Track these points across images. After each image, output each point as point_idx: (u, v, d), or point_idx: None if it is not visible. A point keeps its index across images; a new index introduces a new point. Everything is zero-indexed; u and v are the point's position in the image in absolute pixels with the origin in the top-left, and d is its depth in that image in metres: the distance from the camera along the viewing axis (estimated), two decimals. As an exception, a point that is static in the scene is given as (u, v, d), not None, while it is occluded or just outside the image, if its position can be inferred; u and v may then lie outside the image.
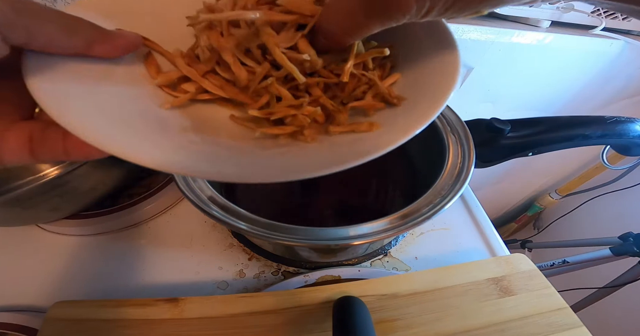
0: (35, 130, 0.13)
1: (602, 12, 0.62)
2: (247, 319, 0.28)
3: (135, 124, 0.14)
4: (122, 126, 0.13)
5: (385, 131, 0.15)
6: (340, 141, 0.15)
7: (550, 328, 0.29)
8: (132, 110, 0.15)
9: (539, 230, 1.21)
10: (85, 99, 0.13)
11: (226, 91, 0.17)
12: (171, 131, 0.15)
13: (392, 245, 0.38)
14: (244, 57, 0.16)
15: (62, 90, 0.13)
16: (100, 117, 0.13)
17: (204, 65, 0.17)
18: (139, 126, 0.14)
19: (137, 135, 0.13)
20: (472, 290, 0.31)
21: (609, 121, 0.37)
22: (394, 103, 0.16)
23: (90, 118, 0.12)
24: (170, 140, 0.14)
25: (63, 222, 0.37)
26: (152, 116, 0.15)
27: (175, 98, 0.16)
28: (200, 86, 0.17)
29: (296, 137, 0.16)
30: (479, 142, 0.32)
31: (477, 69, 0.62)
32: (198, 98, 0.17)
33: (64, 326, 0.27)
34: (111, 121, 0.13)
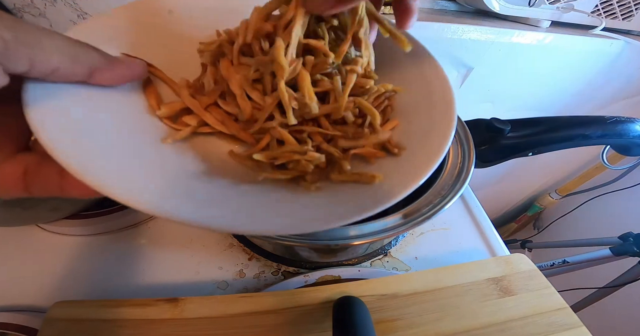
0: (30, 164, 0.13)
1: (602, 12, 0.62)
2: (247, 319, 0.28)
3: (135, 163, 0.14)
4: (121, 166, 0.13)
5: (386, 183, 0.15)
6: (341, 190, 0.15)
7: (550, 328, 0.29)
8: (131, 146, 0.14)
9: (539, 230, 1.21)
10: (84, 134, 0.13)
11: (228, 127, 0.17)
12: (171, 172, 0.14)
13: (392, 245, 0.38)
14: (250, 89, 0.16)
15: (61, 124, 0.12)
16: (99, 156, 0.12)
17: (207, 97, 0.17)
18: (138, 166, 0.14)
19: (137, 177, 0.13)
20: (472, 290, 0.31)
21: (609, 121, 0.37)
22: (394, 153, 0.16)
23: (88, 157, 0.12)
24: (171, 184, 0.14)
25: (63, 222, 0.37)
26: (152, 152, 0.15)
27: (176, 131, 0.16)
28: (201, 119, 0.16)
29: (298, 182, 0.16)
30: (479, 142, 0.32)
31: (477, 69, 0.62)
32: (198, 131, 0.17)
33: (64, 326, 0.27)
34: (110, 160, 0.13)
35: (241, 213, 0.13)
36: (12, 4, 0.39)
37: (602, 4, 0.61)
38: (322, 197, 0.15)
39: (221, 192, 0.14)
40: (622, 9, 0.62)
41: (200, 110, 0.16)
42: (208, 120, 0.16)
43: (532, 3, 0.59)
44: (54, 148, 0.11)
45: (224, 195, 0.14)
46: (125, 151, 0.14)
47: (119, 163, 0.13)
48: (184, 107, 0.16)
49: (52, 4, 0.41)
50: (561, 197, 1.08)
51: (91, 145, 0.13)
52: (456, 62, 0.62)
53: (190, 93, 0.17)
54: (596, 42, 0.62)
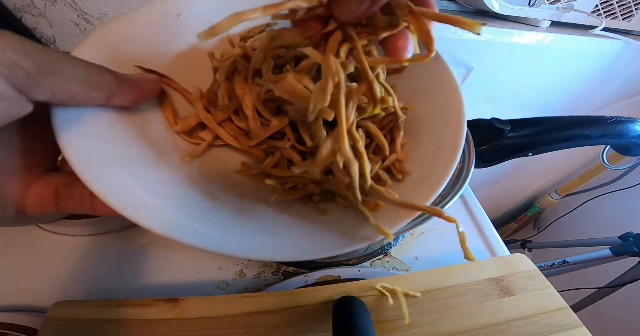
0: (60, 184, 0.14)
1: (602, 12, 0.62)
2: (247, 319, 0.28)
3: (156, 188, 0.14)
4: (147, 192, 0.14)
5: (387, 210, 0.15)
6: (345, 216, 0.15)
7: (550, 328, 0.29)
8: (152, 167, 0.15)
9: (539, 230, 1.21)
10: (109, 158, 0.13)
11: (240, 143, 0.17)
12: (194, 198, 0.15)
13: (392, 245, 0.38)
14: (262, 108, 0.16)
15: (90, 148, 0.13)
16: (126, 181, 0.13)
17: (222, 112, 0.17)
18: (159, 189, 0.14)
19: (159, 203, 0.14)
20: (472, 290, 0.31)
21: (609, 121, 0.37)
22: (398, 179, 0.16)
23: (117, 183, 0.13)
24: (188, 210, 0.14)
25: (63, 222, 0.37)
26: (175, 176, 0.15)
27: (192, 147, 0.17)
28: (215, 134, 0.17)
29: (305, 202, 0.16)
30: (479, 142, 0.32)
31: (477, 69, 0.62)
32: (212, 144, 0.17)
33: (64, 326, 0.27)
34: (137, 186, 0.13)
35: (253, 242, 0.14)
36: (12, 4, 0.39)
37: (602, 4, 0.61)
38: (326, 223, 0.15)
39: (232, 219, 0.15)
40: (622, 9, 0.62)
41: (215, 125, 0.17)
42: (222, 135, 0.17)
43: (532, 3, 0.59)
44: (85, 173, 0.12)
45: (235, 223, 0.15)
46: (146, 174, 0.14)
47: (145, 189, 0.14)
48: (199, 122, 0.17)
49: (52, 4, 0.41)
50: (561, 197, 1.08)
51: (119, 170, 0.13)
52: (456, 62, 0.62)
53: (204, 106, 0.17)
54: (596, 42, 0.62)
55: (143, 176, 0.14)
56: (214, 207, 0.15)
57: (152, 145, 0.15)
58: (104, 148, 0.13)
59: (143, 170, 0.14)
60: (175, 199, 0.14)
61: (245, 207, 0.16)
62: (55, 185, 0.14)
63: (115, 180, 0.13)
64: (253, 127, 0.16)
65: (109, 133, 0.14)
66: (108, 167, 0.13)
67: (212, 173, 0.17)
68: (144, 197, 0.13)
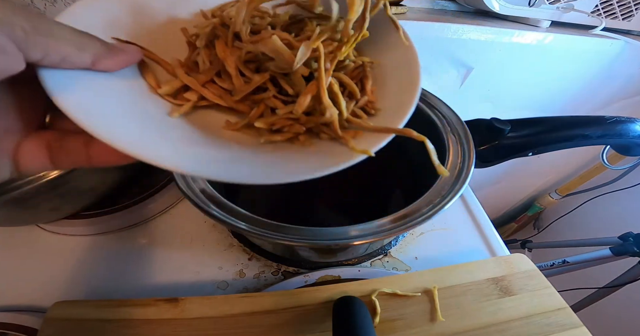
0: (52, 140, 0.14)
1: (602, 12, 0.62)
2: (247, 319, 0.28)
3: (152, 132, 0.15)
4: (141, 132, 0.15)
5: (365, 136, 0.17)
6: (329, 147, 0.17)
7: (550, 328, 0.29)
8: (145, 119, 0.16)
9: (539, 230, 1.21)
10: (103, 110, 0.14)
11: (225, 100, 0.18)
12: (182, 139, 0.16)
13: (392, 245, 0.38)
14: (244, 68, 0.18)
15: (83, 102, 0.13)
16: (121, 125, 0.14)
17: (204, 75, 0.18)
18: (155, 134, 0.15)
19: (156, 141, 0.15)
20: (472, 290, 0.31)
21: (609, 121, 0.37)
22: (371, 114, 0.19)
23: (112, 127, 0.13)
24: (184, 146, 0.16)
25: (63, 222, 0.37)
26: (162, 123, 0.16)
27: (179, 106, 0.18)
28: (200, 95, 0.18)
29: (292, 142, 0.18)
30: (479, 142, 0.32)
31: (477, 69, 0.62)
32: (197, 104, 0.18)
33: (64, 326, 0.27)
34: (130, 128, 0.14)
35: (256, 168, 0.16)
36: (12, 4, 0.39)
37: (602, 4, 0.61)
38: (311, 152, 0.17)
39: (227, 152, 0.17)
40: (622, 9, 0.62)
41: (199, 87, 0.18)
42: (206, 95, 0.18)
43: (532, 3, 0.59)
44: (83, 121, 0.13)
45: (229, 153, 0.16)
46: (142, 123, 0.15)
47: (140, 132, 0.15)
48: (182, 85, 0.18)
49: (52, 4, 0.41)
50: (561, 197, 1.08)
51: (112, 118, 0.14)
52: (456, 62, 0.62)
53: (185, 72, 0.18)
54: (596, 42, 0.62)
55: (140, 119, 0.15)
56: (211, 140, 0.17)
57: (139, 105, 0.16)
58: (99, 102, 0.14)
59: (139, 116, 0.15)
60: (175, 136, 0.16)
61: (236, 147, 0.17)
62: (47, 141, 0.14)
63: (110, 125, 0.13)
64: (237, 84, 0.18)
65: (100, 90, 0.15)
66: (106, 114, 0.14)
67: (201, 128, 0.18)
68: (149, 135, 0.14)
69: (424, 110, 0.36)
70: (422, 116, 0.36)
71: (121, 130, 0.14)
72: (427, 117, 0.35)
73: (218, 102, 0.18)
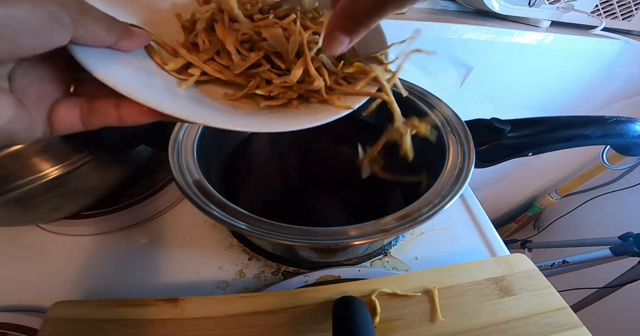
0: (82, 103, 0.16)
1: (602, 12, 0.62)
2: (247, 319, 0.28)
3: (167, 95, 0.18)
4: (162, 95, 0.17)
5: (348, 98, 0.21)
6: (317, 107, 0.21)
7: (550, 328, 0.29)
8: (158, 87, 0.18)
9: (539, 230, 1.21)
10: (129, 79, 0.16)
11: (225, 75, 0.21)
12: (192, 101, 0.19)
13: (392, 245, 0.38)
14: (241, 47, 0.21)
15: (114, 73, 0.16)
16: (146, 89, 0.16)
17: (205, 54, 0.21)
18: (170, 96, 0.18)
19: (172, 100, 0.18)
20: (472, 290, 0.31)
21: (609, 121, 0.37)
22: (351, 82, 0.22)
23: (140, 90, 0.16)
24: (195, 104, 0.19)
25: (63, 222, 0.37)
26: (172, 91, 0.19)
27: (184, 80, 0.20)
28: (202, 70, 0.21)
29: (286, 107, 0.21)
30: (479, 142, 0.32)
31: (477, 69, 0.62)
32: (200, 79, 0.21)
33: (64, 326, 0.27)
34: (153, 92, 0.17)
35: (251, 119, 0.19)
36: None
37: (602, 4, 0.61)
38: (303, 112, 0.20)
39: (226, 109, 0.20)
40: (622, 9, 0.62)
41: (201, 63, 0.21)
42: (208, 71, 0.21)
43: (532, 3, 0.59)
44: (119, 86, 0.15)
45: (229, 111, 0.20)
46: (156, 87, 0.18)
47: (158, 92, 0.17)
48: (186, 62, 0.21)
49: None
50: (561, 197, 1.08)
51: (136, 84, 0.16)
52: (456, 62, 0.62)
53: (187, 51, 0.21)
54: (596, 42, 0.62)
55: (155, 87, 0.18)
56: (215, 103, 0.20)
57: (150, 76, 0.19)
58: (124, 73, 0.16)
59: (154, 85, 0.18)
60: (185, 99, 0.19)
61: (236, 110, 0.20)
62: (78, 104, 0.16)
63: (140, 88, 0.16)
64: (236, 60, 0.21)
65: (121, 65, 0.17)
66: (131, 82, 0.16)
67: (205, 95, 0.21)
68: (166, 96, 0.17)
69: (424, 110, 0.36)
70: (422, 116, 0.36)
71: (146, 92, 0.16)
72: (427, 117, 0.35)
73: (219, 76, 0.21)
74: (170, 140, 0.30)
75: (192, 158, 0.29)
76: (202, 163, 0.29)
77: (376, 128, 0.24)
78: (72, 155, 0.32)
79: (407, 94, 0.24)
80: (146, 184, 0.42)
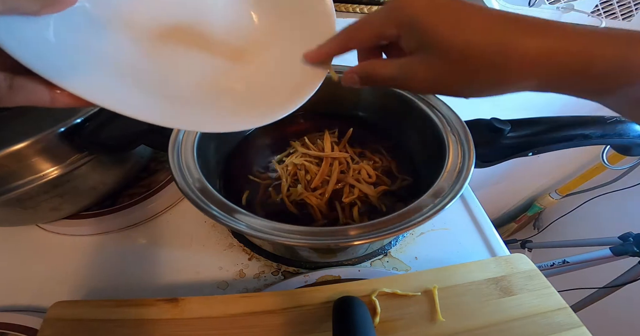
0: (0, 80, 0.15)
1: (602, 12, 0.62)
2: (247, 319, 0.28)
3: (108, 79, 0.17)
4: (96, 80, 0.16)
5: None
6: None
7: (550, 328, 0.29)
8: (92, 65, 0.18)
9: (539, 230, 1.21)
10: (53, 53, 0.15)
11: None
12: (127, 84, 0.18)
13: (392, 245, 0.38)
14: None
15: (34, 45, 0.15)
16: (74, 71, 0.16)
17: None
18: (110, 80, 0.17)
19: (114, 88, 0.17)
20: (472, 290, 0.31)
21: (609, 121, 0.37)
22: None
23: (63, 69, 0.15)
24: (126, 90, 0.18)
25: (63, 222, 0.37)
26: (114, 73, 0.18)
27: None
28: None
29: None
30: (479, 142, 0.32)
31: (477, 69, 0.62)
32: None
33: (64, 326, 0.27)
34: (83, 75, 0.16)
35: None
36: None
37: (602, 4, 0.61)
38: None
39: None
40: (622, 9, 0.62)
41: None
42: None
43: (532, 3, 0.59)
44: (30, 62, 0.14)
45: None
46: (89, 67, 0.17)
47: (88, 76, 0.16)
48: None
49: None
50: (561, 197, 1.08)
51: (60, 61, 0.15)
52: (456, 62, 0.62)
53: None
54: (596, 42, 0.62)
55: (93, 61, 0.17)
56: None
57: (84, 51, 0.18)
58: (46, 44, 0.15)
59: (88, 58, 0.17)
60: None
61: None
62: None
63: (66, 63, 0.15)
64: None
65: (36, 32, 0.16)
66: (55, 55, 0.15)
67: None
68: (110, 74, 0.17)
69: (424, 110, 0.36)
70: (422, 116, 0.36)
71: (68, 71, 0.15)
72: (427, 117, 0.35)
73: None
74: (170, 140, 0.30)
75: (192, 158, 0.29)
76: (202, 163, 0.29)
77: (371, 125, 0.25)
78: (72, 155, 0.32)
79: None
80: (146, 184, 0.42)
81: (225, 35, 0.23)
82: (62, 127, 0.30)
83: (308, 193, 0.34)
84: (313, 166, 0.36)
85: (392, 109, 0.40)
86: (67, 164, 0.32)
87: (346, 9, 0.57)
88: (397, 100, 0.38)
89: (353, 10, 0.57)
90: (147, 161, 0.44)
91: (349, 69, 0.22)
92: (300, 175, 0.36)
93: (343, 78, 0.22)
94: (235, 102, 0.21)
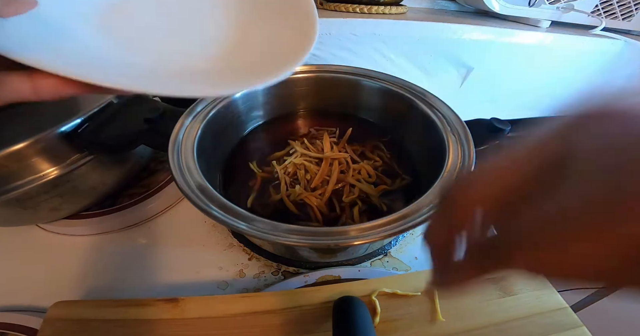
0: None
1: (602, 12, 0.62)
2: (247, 319, 0.28)
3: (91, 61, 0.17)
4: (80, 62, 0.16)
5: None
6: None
7: (550, 328, 0.29)
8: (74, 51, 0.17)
9: (539, 230, 1.20)
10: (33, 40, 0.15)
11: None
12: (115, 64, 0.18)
13: (392, 245, 0.38)
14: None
15: (11, 36, 0.14)
16: (60, 57, 0.15)
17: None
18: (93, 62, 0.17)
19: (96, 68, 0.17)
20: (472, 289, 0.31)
21: (609, 121, 0.37)
22: None
23: (47, 56, 0.15)
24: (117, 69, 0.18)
25: (63, 222, 0.37)
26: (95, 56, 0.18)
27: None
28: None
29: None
30: (479, 142, 0.32)
31: (477, 69, 0.62)
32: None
33: (64, 326, 0.27)
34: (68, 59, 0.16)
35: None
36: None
37: (602, 4, 0.61)
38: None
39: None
40: (622, 9, 0.62)
41: None
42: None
43: (532, 3, 0.59)
44: (11, 52, 0.13)
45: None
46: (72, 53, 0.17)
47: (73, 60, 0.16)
48: None
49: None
50: (561, 197, 1.08)
51: (43, 49, 0.15)
52: (456, 62, 0.62)
53: None
54: (596, 42, 0.62)
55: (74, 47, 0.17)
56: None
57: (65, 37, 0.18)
58: (20, 32, 0.15)
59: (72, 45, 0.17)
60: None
61: None
62: None
63: (48, 50, 0.15)
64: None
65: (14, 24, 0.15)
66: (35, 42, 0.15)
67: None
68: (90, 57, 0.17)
69: (424, 110, 0.36)
70: (422, 116, 0.36)
71: (53, 57, 0.15)
72: (427, 117, 0.35)
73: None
74: (170, 140, 0.30)
75: (192, 158, 0.29)
76: (202, 163, 0.29)
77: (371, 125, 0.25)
78: (72, 155, 0.32)
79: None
80: (146, 184, 0.42)
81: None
82: (62, 127, 0.30)
83: (308, 194, 0.34)
84: (313, 166, 0.36)
85: (392, 109, 0.40)
86: (67, 164, 0.32)
87: (346, 9, 0.57)
88: (398, 100, 0.39)
89: (353, 10, 0.57)
90: (147, 161, 0.44)
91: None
92: (300, 175, 0.36)
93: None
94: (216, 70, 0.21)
